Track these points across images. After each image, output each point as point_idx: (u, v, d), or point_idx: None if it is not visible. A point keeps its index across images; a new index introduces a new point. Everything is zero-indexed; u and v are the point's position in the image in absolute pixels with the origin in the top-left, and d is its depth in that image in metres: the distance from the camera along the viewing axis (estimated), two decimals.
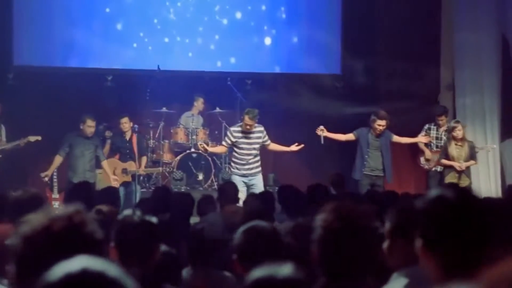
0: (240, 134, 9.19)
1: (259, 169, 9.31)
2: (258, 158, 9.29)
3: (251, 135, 9.20)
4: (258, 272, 1.79)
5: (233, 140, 9.21)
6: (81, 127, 9.66)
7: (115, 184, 9.59)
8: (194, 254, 4.07)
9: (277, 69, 11.97)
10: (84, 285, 1.27)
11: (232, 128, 9.44)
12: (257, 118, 9.12)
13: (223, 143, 9.54)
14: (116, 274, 1.30)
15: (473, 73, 11.19)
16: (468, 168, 9.84)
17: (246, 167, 9.21)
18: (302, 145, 9.46)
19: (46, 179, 9.76)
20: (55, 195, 9.88)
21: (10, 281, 2.87)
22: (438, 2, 11.87)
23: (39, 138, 10.04)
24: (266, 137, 9.33)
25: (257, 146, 9.25)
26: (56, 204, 9.63)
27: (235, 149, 9.27)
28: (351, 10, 11.75)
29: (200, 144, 9.75)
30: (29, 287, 1.58)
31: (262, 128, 9.28)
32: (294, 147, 9.48)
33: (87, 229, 1.71)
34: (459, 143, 9.74)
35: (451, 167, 9.73)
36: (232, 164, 9.38)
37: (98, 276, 1.28)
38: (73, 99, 10.66)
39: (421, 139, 10.48)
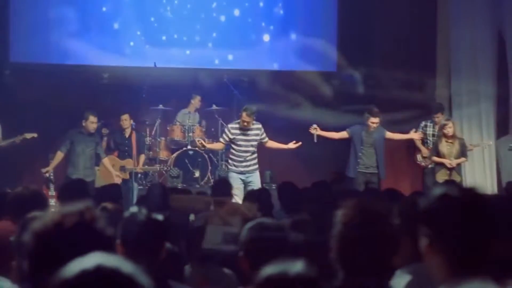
0: (237, 131, 9.16)
1: (257, 166, 9.29)
2: (255, 155, 9.26)
3: (249, 132, 9.17)
4: (270, 269, 1.79)
5: (231, 137, 9.18)
6: (83, 123, 9.64)
7: (117, 180, 9.60)
8: (193, 251, 4.08)
9: (275, 66, 11.97)
10: (99, 281, 1.28)
11: (230, 125, 9.41)
12: (255, 115, 9.10)
13: (221, 139, 9.51)
14: (130, 270, 1.31)
15: (469, 72, 11.22)
16: (459, 165, 9.87)
17: (244, 164, 9.19)
18: (300, 143, 9.44)
19: (47, 174, 9.77)
20: (52, 192, 9.86)
21: (12, 277, 2.88)
22: (434, 1, 11.88)
23: (35, 135, 10.04)
24: (264, 135, 9.30)
25: (254, 143, 9.22)
26: (52, 201, 9.61)
27: (233, 146, 9.23)
28: (347, 8, 11.76)
29: (198, 141, 9.71)
30: (41, 283, 1.59)
31: (260, 126, 9.25)
32: (291, 145, 9.46)
33: (98, 225, 1.73)
34: (450, 140, 9.77)
35: (442, 164, 9.76)
36: (230, 161, 9.35)
37: (113, 273, 1.29)
38: (69, 96, 10.66)
39: (413, 135, 10.47)
